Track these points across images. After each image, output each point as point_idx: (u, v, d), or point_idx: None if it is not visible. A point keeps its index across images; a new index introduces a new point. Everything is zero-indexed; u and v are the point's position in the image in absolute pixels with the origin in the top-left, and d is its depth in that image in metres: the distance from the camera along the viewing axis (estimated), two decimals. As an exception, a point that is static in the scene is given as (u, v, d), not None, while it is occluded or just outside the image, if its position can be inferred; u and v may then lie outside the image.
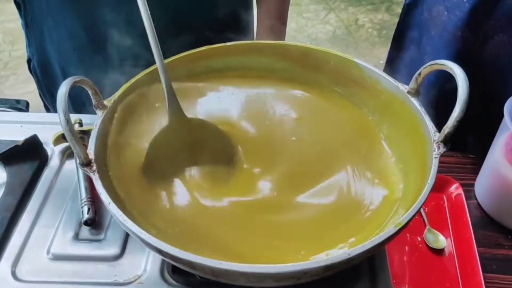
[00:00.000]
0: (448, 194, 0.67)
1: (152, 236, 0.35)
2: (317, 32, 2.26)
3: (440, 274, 0.59)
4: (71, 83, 0.40)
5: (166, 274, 0.46)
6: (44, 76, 0.76)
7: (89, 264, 0.47)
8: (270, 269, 0.33)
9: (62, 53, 0.71)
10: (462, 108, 0.39)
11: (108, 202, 0.37)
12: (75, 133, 0.38)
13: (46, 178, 0.55)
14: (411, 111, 0.46)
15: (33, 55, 0.75)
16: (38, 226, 0.50)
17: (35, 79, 0.78)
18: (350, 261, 0.35)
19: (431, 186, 0.39)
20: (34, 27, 0.71)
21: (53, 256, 0.47)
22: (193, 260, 0.34)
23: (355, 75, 0.52)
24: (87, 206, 0.50)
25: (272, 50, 0.56)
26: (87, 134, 0.57)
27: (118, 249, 0.48)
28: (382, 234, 0.35)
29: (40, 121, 0.61)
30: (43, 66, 0.74)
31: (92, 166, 0.40)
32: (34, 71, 0.77)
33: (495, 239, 0.62)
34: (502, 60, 0.67)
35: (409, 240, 0.62)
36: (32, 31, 0.72)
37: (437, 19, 0.69)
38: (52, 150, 0.58)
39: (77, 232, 0.50)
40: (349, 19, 2.33)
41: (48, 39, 0.70)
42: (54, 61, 0.72)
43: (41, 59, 0.74)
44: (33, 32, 0.71)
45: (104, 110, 0.45)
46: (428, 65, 0.44)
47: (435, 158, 0.41)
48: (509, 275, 0.58)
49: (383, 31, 2.23)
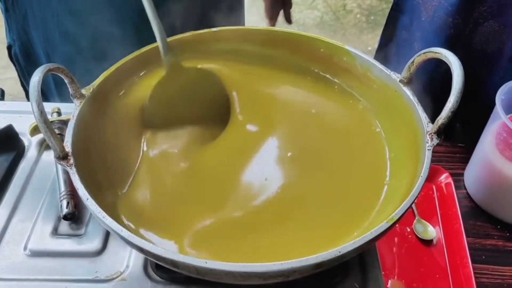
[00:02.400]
0: (437, 184, 0.67)
1: (133, 234, 0.33)
2: (305, 18, 2.23)
3: (430, 265, 0.58)
4: (45, 71, 0.38)
5: (149, 270, 0.44)
6: (27, 63, 0.73)
7: (68, 260, 0.45)
8: (257, 268, 0.32)
9: (48, 38, 0.68)
10: (457, 98, 0.37)
11: (86, 198, 0.35)
12: (49, 124, 0.36)
13: (22, 170, 0.53)
14: (403, 100, 0.45)
15: (14, 41, 0.71)
16: (14, 221, 0.48)
17: (16, 66, 0.75)
18: (341, 258, 0.33)
19: (424, 179, 0.37)
20: (16, 11, 0.67)
21: (31, 252, 0.45)
22: (177, 259, 0.32)
23: (346, 63, 0.50)
24: (66, 200, 0.48)
25: (261, 36, 0.53)
26: (66, 124, 0.55)
27: (99, 245, 0.46)
28: (374, 230, 0.34)
29: (16, 110, 0.58)
30: (26, 52, 0.72)
31: (69, 160, 0.38)
32: (15, 58, 0.73)
33: (484, 229, 0.62)
34: (491, 47, 0.66)
35: (398, 231, 0.62)
36: (13, 15, 0.68)
37: (428, 3, 0.67)
38: (29, 141, 0.56)
39: (56, 227, 0.48)
40: (337, 5, 2.31)
41: (32, 23, 0.67)
42: (38, 47, 0.70)
43: (24, 45, 0.71)
44: (14, 16, 0.68)
45: (82, 100, 0.43)
46: (422, 53, 0.42)
47: (428, 150, 0.39)
48: (499, 265, 0.58)
49: (371, 17, 2.21)
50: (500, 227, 0.62)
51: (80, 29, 0.65)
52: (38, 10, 0.65)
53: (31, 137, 0.55)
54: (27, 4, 0.65)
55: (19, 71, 0.75)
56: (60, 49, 0.68)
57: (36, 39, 0.69)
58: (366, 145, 0.48)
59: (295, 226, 0.42)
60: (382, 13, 2.14)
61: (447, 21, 0.66)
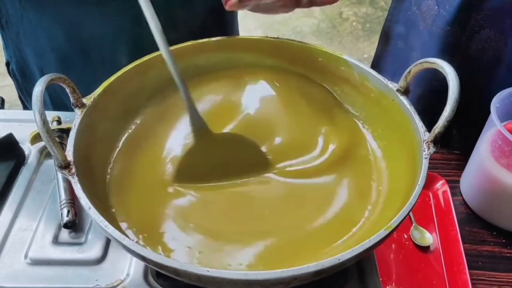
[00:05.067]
0: (434, 191, 0.67)
1: (135, 243, 0.33)
2: (302, 25, 2.25)
3: (427, 272, 0.59)
4: (48, 81, 0.38)
5: (150, 278, 0.44)
6: (23, 79, 0.73)
7: (69, 268, 0.45)
8: (259, 276, 0.32)
9: (40, 54, 0.68)
10: (452, 108, 0.38)
11: (88, 207, 0.36)
12: (52, 134, 0.36)
13: (23, 178, 0.53)
14: (400, 110, 0.45)
15: (11, 57, 0.72)
16: (15, 229, 0.48)
17: (14, 82, 0.75)
18: (340, 266, 0.34)
19: (421, 188, 0.38)
20: (10, 29, 0.67)
21: (31, 260, 0.46)
22: (179, 268, 0.32)
23: (344, 72, 0.51)
24: (67, 208, 0.48)
25: (259, 46, 0.54)
26: (66, 133, 0.55)
27: (100, 253, 0.46)
28: (372, 238, 0.34)
29: (16, 119, 0.59)
30: (21, 69, 0.72)
31: (71, 169, 0.38)
32: (13, 74, 0.74)
33: (480, 236, 0.62)
34: (488, 55, 0.67)
35: (396, 237, 0.62)
36: (8, 33, 0.68)
37: (426, 13, 0.68)
38: (29, 149, 0.56)
39: (57, 235, 0.48)
40: (333, 12, 2.32)
41: (24, 41, 0.67)
42: (32, 64, 0.70)
43: (19, 62, 0.71)
44: (9, 34, 0.68)
45: (83, 109, 0.43)
46: (418, 63, 0.43)
47: (425, 158, 0.40)
48: (495, 271, 0.58)
49: (367, 25, 2.23)
50: (496, 234, 0.62)
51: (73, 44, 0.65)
52: (29, 28, 0.65)
53: (31, 146, 0.55)
54: (19, 22, 0.65)
55: (16, 86, 0.76)
56: (53, 65, 0.68)
57: (29, 56, 0.69)
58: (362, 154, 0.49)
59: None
60: (378, 21, 2.17)
61: (445, 30, 0.67)
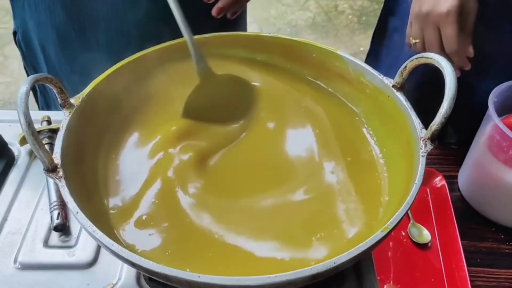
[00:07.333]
0: (431, 187, 0.67)
1: (124, 249, 0.32)
2: (297, 19, 2.23)
3: (425, 269, 0.58)
4: (33, 81, 0.37)
5: (142, 282, 0.44)
6: (27, 50, 0.75)
7: (60, 272, 0.44)
8: (252, 281, 0.31)
9: (42, 30, 0.69)
10: (450, 104, 0.37)
11: (76, 211, 0.34)
12: (37, 137, 0.35)
13: (12, 180, 0.52)
14: (396, 106, 0.44)
15: (18, 27, 0.73)
16: (4, 233, 0.47)
17: (20, 51, 0.77)
18: (336, 270, 0.33)
19: (418, 186, 0.37)
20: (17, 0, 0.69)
21: (21, 265, 0.45)
22: (169, 274, 0.31)
23: (339, 68, 0.50)
24: (57, 211, 0.47)
25: (251, 42, 0.53)
26: (56, 133, 0.54)
27: (91, 256, 0.45)
28: (369, 240, 0.33)
29: (5, 120, 0.58)
30: (26, 40, 0.73)
31: (58, 172, 0.37)
32: (19, 44, 0.76)
33: (479, 232, 0.62)
34: (483, 50, 0.66)
35: (393, 235, 0.61)
36: (16, 3, 0.70)
37: None
38: (19, 150, 0.55)
39: (47, 238, 0.47)
40: (329, 6, 2.30)
41: (28, 13, 0.69)
42: (34, 36, 0.71)
43: (24, 32, 0.73)
44: (17, 3, 0.70)
45: (71, 109, 0.42)
46: (414, 58, 0.42)
47: (422, 156, 0.39)
48: (494, 268, 0.58)
49: (363, 18, 2.21)
50: (494, 230, 0.62)
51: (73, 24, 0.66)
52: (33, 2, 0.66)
53: (21, 147, 0.54)
54: None
55: (21, 55, 0.78)
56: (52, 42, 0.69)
57: (32, 28, 0.70)
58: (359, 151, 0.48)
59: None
60: (374, 13, 2.15)
61: None
